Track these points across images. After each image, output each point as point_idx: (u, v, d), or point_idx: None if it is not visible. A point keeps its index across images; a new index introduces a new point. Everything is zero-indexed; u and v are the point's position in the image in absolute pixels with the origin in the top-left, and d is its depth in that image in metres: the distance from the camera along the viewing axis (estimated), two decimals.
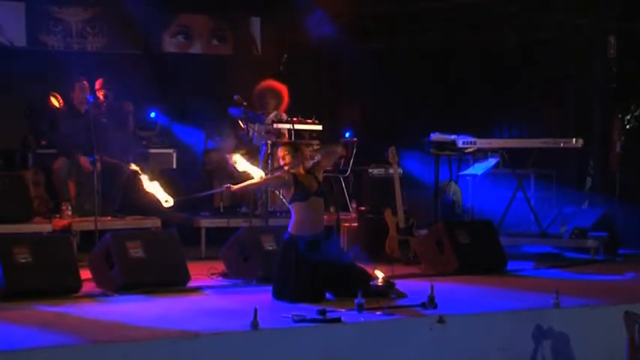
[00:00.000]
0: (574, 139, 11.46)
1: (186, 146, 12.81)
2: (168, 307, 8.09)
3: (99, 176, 10.56)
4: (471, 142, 11.72)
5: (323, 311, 7.28)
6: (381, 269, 8.50)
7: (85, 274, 8.81)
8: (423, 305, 7.73)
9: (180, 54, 14.09)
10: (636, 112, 13.22)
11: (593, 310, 8.15)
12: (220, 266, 9.66)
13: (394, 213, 10.98)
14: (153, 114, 12.80)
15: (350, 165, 11.83)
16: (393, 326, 7.37)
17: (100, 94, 11.56)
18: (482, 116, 12.89)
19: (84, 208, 11.04)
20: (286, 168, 8.49)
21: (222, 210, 11.76)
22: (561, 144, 11.50)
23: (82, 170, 11.13)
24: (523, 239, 11.76)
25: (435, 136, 11.88)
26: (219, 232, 10.99)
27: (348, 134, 12.32)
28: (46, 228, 10.48)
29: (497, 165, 12.68)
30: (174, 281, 8.91)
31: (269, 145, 11.32)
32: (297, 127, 11.68)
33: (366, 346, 7.19)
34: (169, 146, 12.93)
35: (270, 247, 9.34)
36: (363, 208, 11.63)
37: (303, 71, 13.51)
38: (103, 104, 11.50)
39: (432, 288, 7.78)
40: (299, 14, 13.55)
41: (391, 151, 11.17)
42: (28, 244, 8.48)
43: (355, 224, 11.35)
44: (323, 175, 8.67)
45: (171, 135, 12.92)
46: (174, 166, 12.88)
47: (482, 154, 12.60)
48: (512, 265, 10.37)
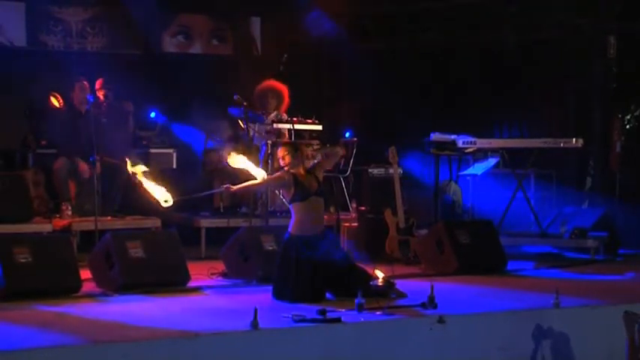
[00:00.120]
0: (574, 139, 11.46)
1: (186, 146, 12.79)
2: (168, 307, 8.09)
3: (99, 176, 10.56)
4: (471, 142, 11.72)
5: (323, 311, 7.28)
6: (381, 269, 8.51)
7: (85, 274, 8.81)
8: (423, 305, 7.74)
9: (180, 54, 14.08)
10: (636, 112, 13.22)
11: (593, 310, 8.16)
12: (220, 266, 9.66)
13: (394, 213, 10.98)
14: (153, 114, 12.78)
15: (350, 165, 11.80)
16: (393, 326, 7.37)
17: (100, 94, 11.57)
18: (483, 116, 12.88)
19: (84, 208, 11.04)
20: (286, 168, 8.48)
21: (222, 210, 11.75)
22: (561, 144, 11.50)
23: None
24: (523, 239, 11.75)
25: (435, 136, 11.87)
26: (219, 232, 10.99)
27: (348, 134, 12.29)
28: (46, 228, 10.48)
29: (497, 165, 12.68)
30: (174, 281, 8.91)
31: (269, 145, 11.31)
32: (297, 127, 11.66)
33: (366, 346, 7.19)
34: (169, 146, 12.92)
35: (270, 247, 9.33)
36: (363, 208, 11.62)
37: (303, 71, 13.49)
38: (103, 104, 11.50)
39: (432, 288, 7.79)
40: (299, 14, 13.53)
41: (391, 151, 11.16)
42: (28, 244, 8.48)
43: (355, 224, 11.33)
44: (323, 175, 8.67)
45: (171, 135, 12.91)
46: (174, 166, 12.87)
47: (482, 154, 12.60)
48: (512, 265, 10.37)
